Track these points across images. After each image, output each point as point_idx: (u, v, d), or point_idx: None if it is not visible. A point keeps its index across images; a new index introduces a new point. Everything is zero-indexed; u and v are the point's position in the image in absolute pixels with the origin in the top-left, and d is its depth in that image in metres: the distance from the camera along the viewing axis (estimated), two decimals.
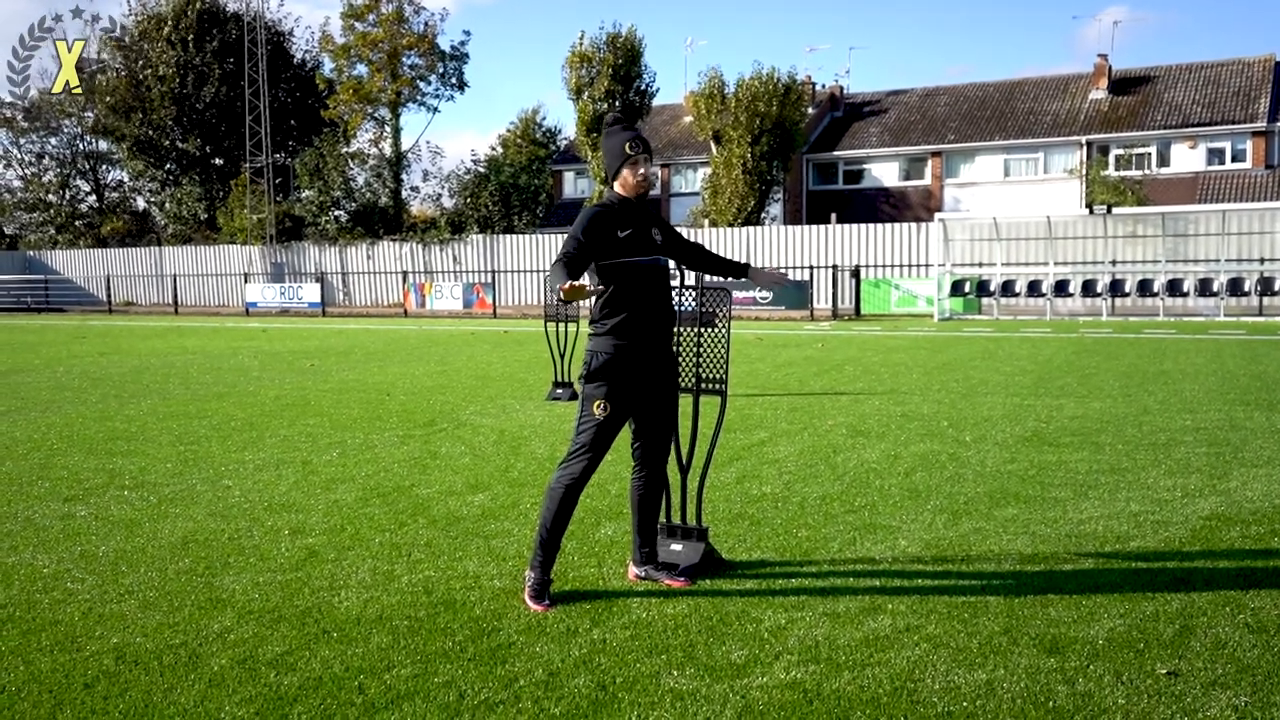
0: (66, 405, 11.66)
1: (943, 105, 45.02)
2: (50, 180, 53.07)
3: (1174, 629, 4.20)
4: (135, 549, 5.62)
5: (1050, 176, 40.74)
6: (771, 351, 17.34)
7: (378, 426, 9.76)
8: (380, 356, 17.74)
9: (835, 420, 9.69)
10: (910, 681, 3.74)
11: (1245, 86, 39.84)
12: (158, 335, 24.89)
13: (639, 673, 3.85)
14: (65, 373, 15.47)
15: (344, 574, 5.10)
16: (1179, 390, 11.45)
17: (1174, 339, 18.99)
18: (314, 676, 3.85)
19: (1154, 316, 25.73)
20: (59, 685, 3.82)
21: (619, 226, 4.62)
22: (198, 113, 44.57)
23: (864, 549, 5.43)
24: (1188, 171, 38.67)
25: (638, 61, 38.34)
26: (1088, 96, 42.18)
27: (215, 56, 44.01)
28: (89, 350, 20.12)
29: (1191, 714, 3.45)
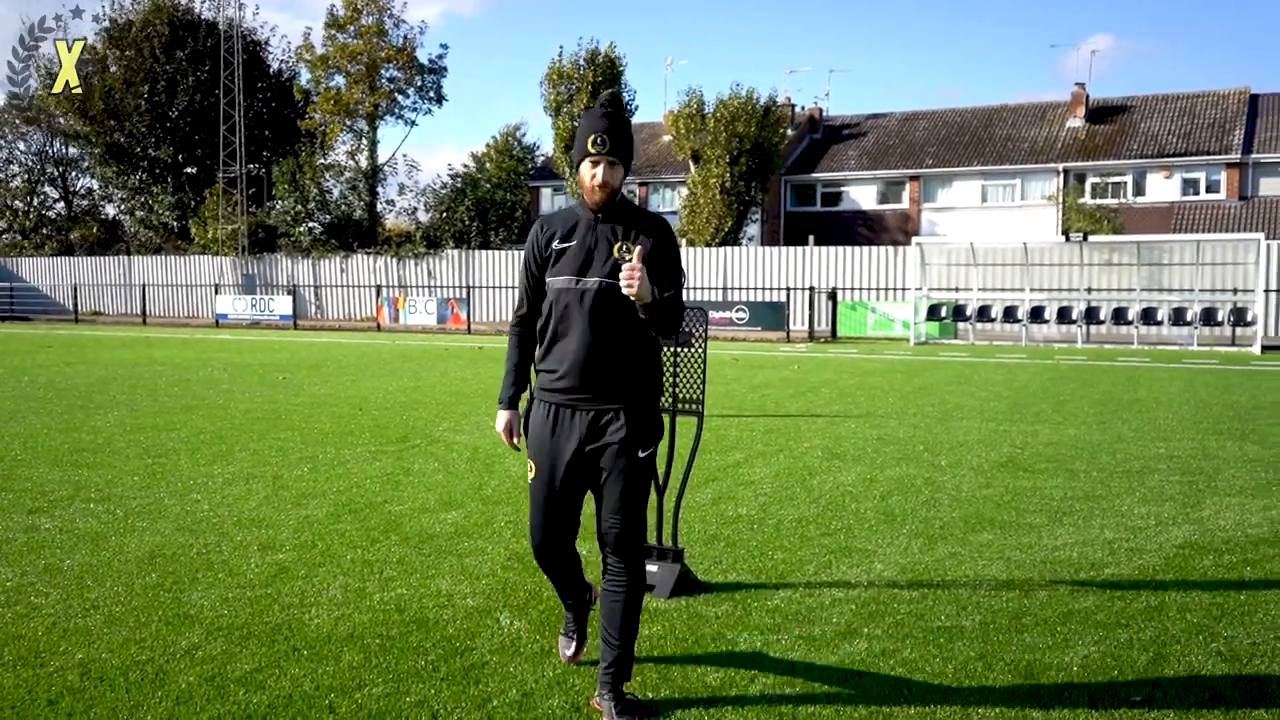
0: (31, 415, 11.53)
1: (922, 130, 45.43)
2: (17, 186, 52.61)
3: (1148, 656, 4.24)
4: (101, 563, 5.57)
5: (1027, 203, 41.16)
6: (748, 372, 17.40)
7: (350, 442, 9.71)
8: (353, 371, 17.66)
9: (811, 442, 9.73)
10: (886, 707, 3.75)
11: (1220, 118, 40.45)
12: (125, 346, 24.67)
13: None
14: (30, 383, 15.31)
15: (315, 591, 5.07)
16: (1153, 418, 11.57)
17: (1148, 367, 19.19)
18: (284, 695, 3.83)
19: (1128, 344, 26.01)
20: (21, 701, 3.78)
21: (561, 238, 3.75)
22: (170, 120, 44.35)
23: (840, 572, 5.45)
24: (1163, 201, 39.16)
25: (617, 79, 38.54)
26: (1065, 124, 42.69)
27: (188, 64, 43.84)
28: (54, 360, 19.92)
29: None
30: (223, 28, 42.71)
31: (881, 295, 31.00)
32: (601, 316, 3.65)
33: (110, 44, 44.57)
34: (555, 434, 3.72)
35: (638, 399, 3.74)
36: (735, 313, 29.57)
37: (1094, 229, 34.46)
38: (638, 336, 3.72)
